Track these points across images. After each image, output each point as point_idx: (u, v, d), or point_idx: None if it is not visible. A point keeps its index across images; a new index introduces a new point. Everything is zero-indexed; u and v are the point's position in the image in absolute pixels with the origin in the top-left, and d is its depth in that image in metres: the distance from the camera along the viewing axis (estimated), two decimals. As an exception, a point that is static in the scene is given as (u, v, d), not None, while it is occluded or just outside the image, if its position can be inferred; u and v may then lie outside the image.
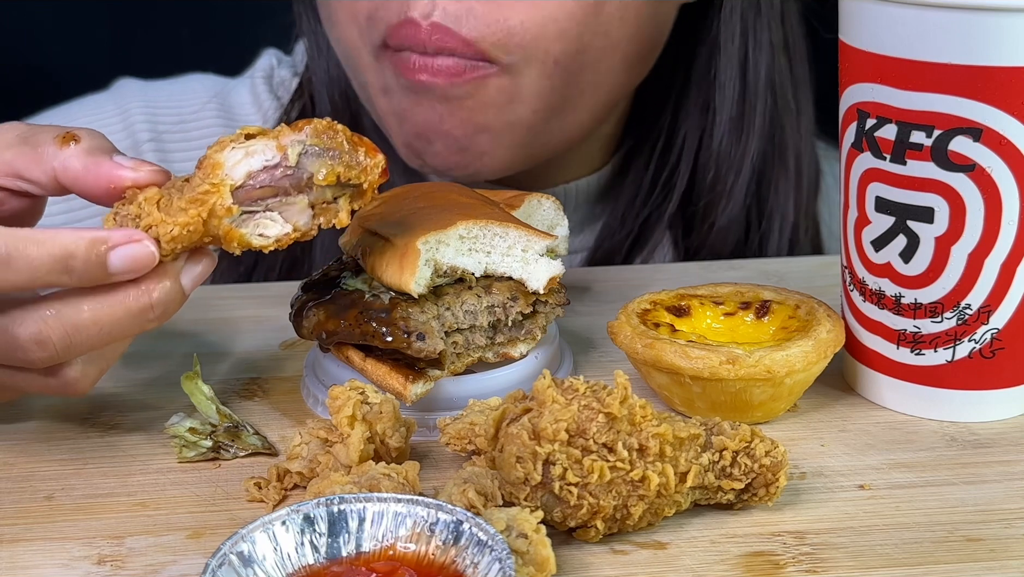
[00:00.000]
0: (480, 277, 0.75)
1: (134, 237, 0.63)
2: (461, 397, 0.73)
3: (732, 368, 0.71)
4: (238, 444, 0.72)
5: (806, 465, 0.71)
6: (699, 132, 1.03)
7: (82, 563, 0.62)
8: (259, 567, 0.57)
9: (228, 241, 0.65)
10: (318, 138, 0.65)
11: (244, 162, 0.64)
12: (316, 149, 0.65)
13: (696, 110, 1.03)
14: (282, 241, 0.66)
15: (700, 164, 1.03)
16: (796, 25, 1.03)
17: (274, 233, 0.65)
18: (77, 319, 0.64)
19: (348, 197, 0.66)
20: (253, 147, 0.64)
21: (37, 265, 0.62)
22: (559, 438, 0.61)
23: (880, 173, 0.72)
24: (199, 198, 0.63)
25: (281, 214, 0.65)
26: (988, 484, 0.69)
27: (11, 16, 1.63)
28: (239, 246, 0.65)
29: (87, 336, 0.64)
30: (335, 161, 0.65)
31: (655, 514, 0.64)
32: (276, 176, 0.64)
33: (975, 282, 0.72)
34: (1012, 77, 0.68)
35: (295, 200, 0.65)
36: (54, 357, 0.64)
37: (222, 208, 0.63)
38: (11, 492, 0.69)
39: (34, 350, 0.64)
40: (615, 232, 1.06)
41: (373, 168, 0.66)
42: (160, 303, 0.65)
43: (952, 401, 0.74)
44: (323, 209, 0.66)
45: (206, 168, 0.64)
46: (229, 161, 0.64)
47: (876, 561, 0.62)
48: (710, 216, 1.04)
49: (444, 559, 0.58)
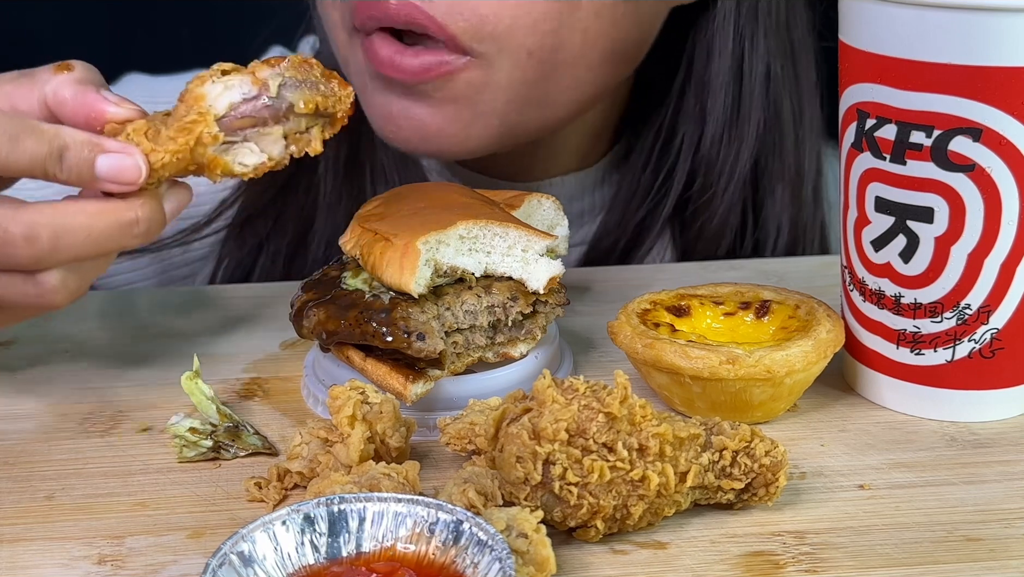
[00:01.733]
0: (480, 277, 0.75)
1: (127, 150, 0.66)
2: (461, 397, 0.73)
3: (732, 368, 0.71)
4: (238, 444, 0.72)
5: (806, 465, 0.71)
6: (698, 134, 1.03)
7: (82, 563, 0.63)
8: (259, 567, 0.57)
9: (212, 169, 0.68)
10: (296, 70, 0.69)
11: (225, 94, 0.67)
12: (294, 81, 0.68)
13: (695, 112, 1.03)
14: (259, 170, 0.69)
15: (696, 166, 1.03)
16: (804, 32, 1.03)
17: (252, 162, 0.69)
18: (68, 221, 0.66)
19: (320, 127, 0.70)
20: (231, 81, 0.68)
21: (36, 150, 0.65)
22: (559, 438, 0.61)
23: (880, 173, 0.72)
24: (187, 127, 0.66)
25: (256, 144, 0.69)
26: (988, 484, 0.69)
27: (12, 16, 1.63)
28: (222, 174, 0.68)
29: (75, 240, 0.66)
30: (313, 91, 0.69)
31: (655, 514, 0.64)
32: (256, 107, 0.68)
33: (975, 282, 0.72)
34: (1012, 77, 0.68)
35: (270, 131, 0.69)
36: (41, 257, 0.66)
37: (208, 136, 0.67)
38: (11, 492, 0.69)
39: (23, 246, 0.65)
40: (612, 229, 1.06)
41: (346, 98, 0.70)
42: (145, 220, 0.67)
43: (952, 401, 0.74)
44: (296, 139, 0.70)
45: (189, 100, 0.67)
46: (211, 93, 0.67)
47: (876, 561, 0.62)
48: (700, 217, 1.04)
49: (444, 559, 0.58)
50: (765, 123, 1.01)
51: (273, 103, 0.68)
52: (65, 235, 0.66)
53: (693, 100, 1.02)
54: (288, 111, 0.69)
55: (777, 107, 1.02)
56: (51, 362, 0.84)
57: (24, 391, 0.80)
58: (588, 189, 1.07)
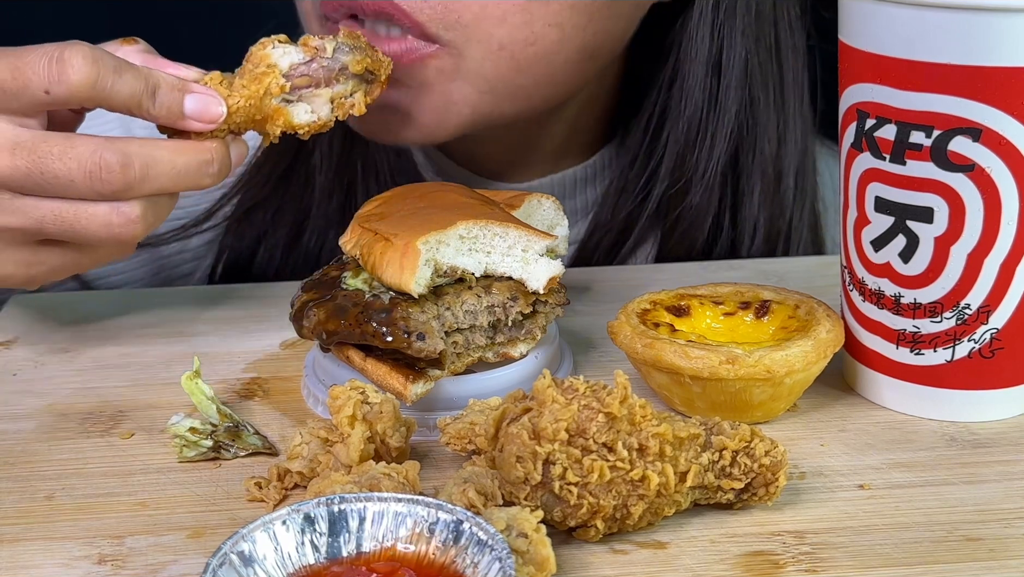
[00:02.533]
0: (480, 277, 0.75)
1: (210, 92, 0.75)
2: (461, 397, 0.73)
3: (732, 368, 0.71)
4: (238, 444, 0.72)
5: (806, 465, 0.71)
6: (678, 131, 1.02)
7: (82, 563, 0.63)
8: (260, 567, 0.57)
9: (275, 120, 0.77)
10: (348, 38, 0.80)
11: (286, 56, 0.77)
12: (347, 45, 0.79)
13: (679, 109, 1.02)
14: (310, 128, 0.79)
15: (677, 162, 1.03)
16: (791, 29, 1.02)
17: (305, 119, 0.78)
18: (155, 154, 0.73)
19: (363, 91, 0.80)
20: (289, 48, 0.78)
21: (135, 85, 0.73)
22: (559, 438, 0.61)
23: (880, 173, 0.72)
24: (257, 76, 0.76)
25: (308, 104, 0.79)
26: (987, 484, 0.69)
27: (11, 16, 1.63)
28: (283, 125, 0.78)
29: (161, 171, 0.73)
30: (363, 55, 0.79)
31: (655, 514, 0.64)
32: (312, 68, 0.78)
33: (974, 282, 0.72)
34: (1012, 77, 0.68)
35: (320, 93, 0.78)
36: (132, 184, 0.72)
37: (276, 86, 0.76)
38: (11, 492, 0.69)
39: (118, 172, 0.72)
40: (601, 226, 1.06)
41: (388, 64, 0.81)
42: (217, 160, 0.76)
43: (952, 401, 0.74)
44: (340, 104, 0.79)
45: (254, 60, 0.77)
46: (275, 54, 0.77)
47: (875, 561, 0.62)
48: (675, 211, 1.03)
49: (444, 559, 0.58)
50: (740, 120, 1.01)
51: (328, 63, 0.78)
52: (154, 165, 0.73)
53: (677, 97, 1.02)
54: (340, 72, 0.79)
55: (754, 105, 1.01)
56: (51, 362, 0.84)
57: (24, 391, 0.80)
58: (579, 187, 1.08)
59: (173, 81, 0.75)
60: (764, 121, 1.02)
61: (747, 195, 1.03)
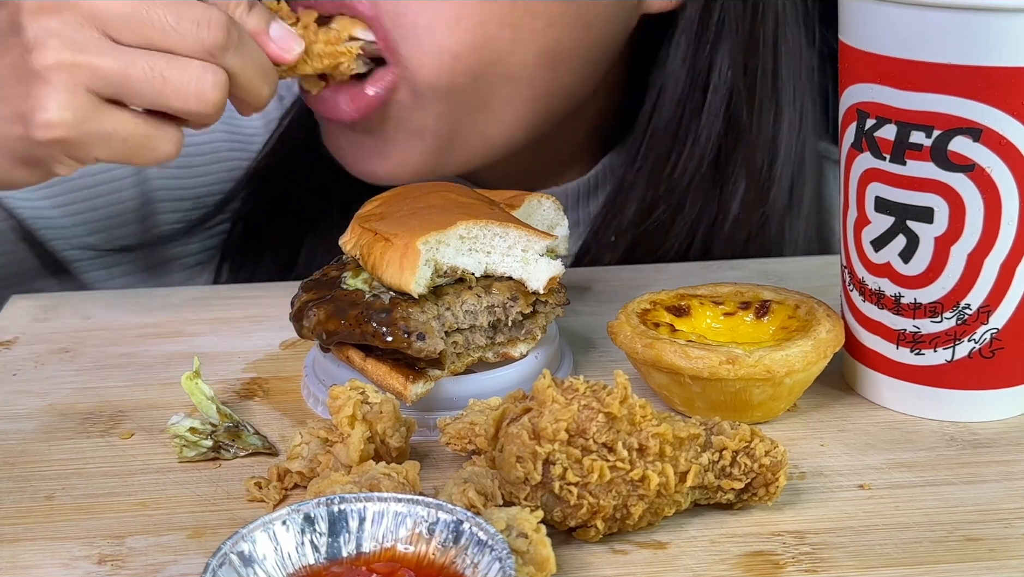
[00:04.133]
0: (480, 277, 0.75)
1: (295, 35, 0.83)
2: (461, 397, 0.73)
3: (732, 368, 0.71)
4: (238, 444, 0.72)
5: (806, 465, 0.71)
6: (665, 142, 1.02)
7: (82, 563, 0.63)
8: (259, 567, 0.57)
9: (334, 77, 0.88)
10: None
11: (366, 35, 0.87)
12: None
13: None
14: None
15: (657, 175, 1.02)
16: (796, 25, 1.01)
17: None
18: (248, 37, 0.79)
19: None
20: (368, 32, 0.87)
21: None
22: (559, 438, 0.61)
23: (880, 173, 0.72)
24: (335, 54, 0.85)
25: None
26: (987, 484, 0.69)
27: None
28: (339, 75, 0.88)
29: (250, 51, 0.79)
30: None
31: (655, 514, 0.64)
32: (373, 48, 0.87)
33: (975, 282, 0.72)
34: (1012, 77, 0.68)
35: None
36: (229, 46, 0.77)
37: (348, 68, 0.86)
38: (11, 492, 0.69)
39: (223, 27, 0.76)
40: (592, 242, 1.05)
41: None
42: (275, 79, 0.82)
43: (952, 401, 0.74)
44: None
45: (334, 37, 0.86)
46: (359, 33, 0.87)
47: (875, 561, 0.62)
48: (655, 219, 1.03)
49: (444, 559, 0.58)
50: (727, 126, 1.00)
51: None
52: (248, 41, 0.79)
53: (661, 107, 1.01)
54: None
55: (737, 114, 1.00)
56: (51, 362, 0.84)
57: (24, 391, 0.80)
58: (573, 204, 1.07)
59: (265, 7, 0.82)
60: (745, 129, 1.01)
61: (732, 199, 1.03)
